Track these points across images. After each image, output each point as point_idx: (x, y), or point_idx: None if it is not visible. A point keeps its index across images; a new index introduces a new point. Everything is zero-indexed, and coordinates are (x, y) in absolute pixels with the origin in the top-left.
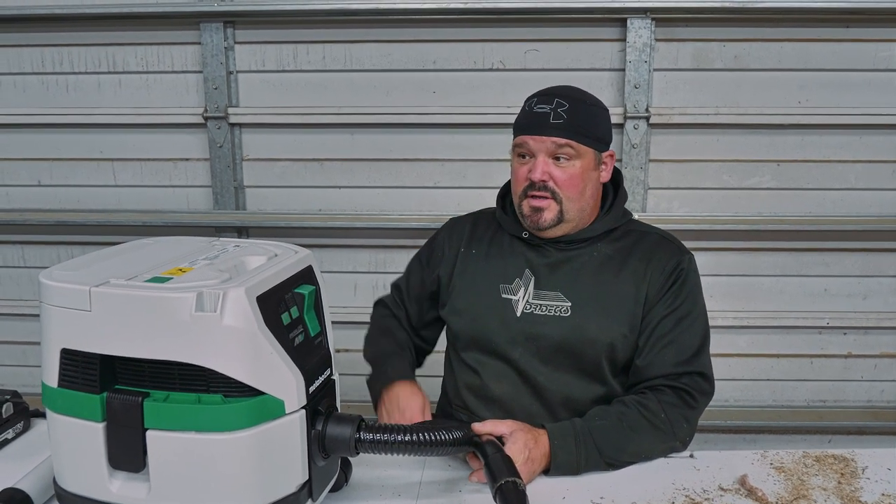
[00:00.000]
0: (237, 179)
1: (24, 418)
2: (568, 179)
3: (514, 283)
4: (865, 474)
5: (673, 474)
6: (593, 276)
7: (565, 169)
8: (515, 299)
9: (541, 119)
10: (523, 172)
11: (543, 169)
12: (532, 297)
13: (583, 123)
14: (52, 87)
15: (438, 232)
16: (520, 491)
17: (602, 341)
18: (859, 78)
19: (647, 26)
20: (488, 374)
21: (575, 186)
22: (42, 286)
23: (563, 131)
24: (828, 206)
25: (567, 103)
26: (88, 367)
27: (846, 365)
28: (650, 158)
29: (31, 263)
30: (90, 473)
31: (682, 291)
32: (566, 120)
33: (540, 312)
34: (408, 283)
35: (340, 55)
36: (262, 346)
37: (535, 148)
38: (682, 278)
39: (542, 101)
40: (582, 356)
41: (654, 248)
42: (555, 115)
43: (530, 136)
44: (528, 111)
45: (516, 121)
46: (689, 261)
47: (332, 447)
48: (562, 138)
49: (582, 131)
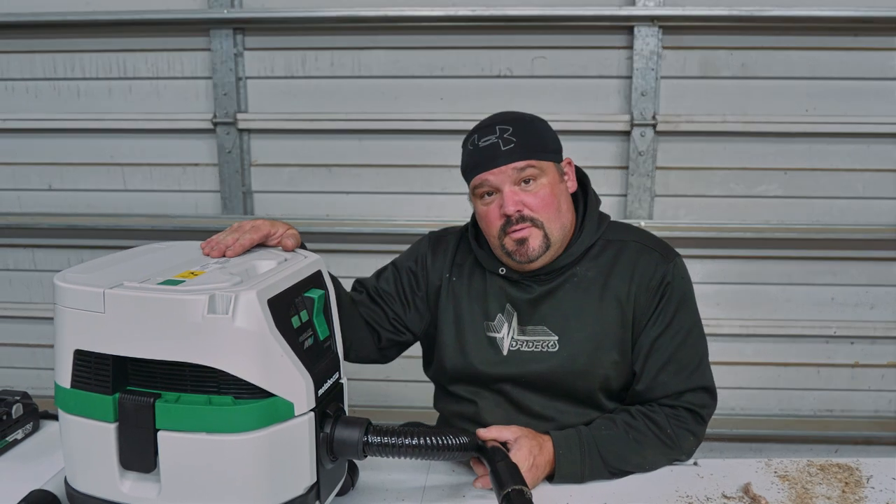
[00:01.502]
0: (245, 185)
1: (34, 419)
2: (541, 202)
3: (497, 320)
4: (870, 483)
5: (676, 481)
6: (577, 305)
7: (535, 192)
8: (500, 336)
9: (491, 151)
10: (494, 211)
11: (514, 199)
12: (517, 333)
13: (533, 140)
14: (63, 92)
15: (419, 246)
16: (526, 499)
17: (595, 373)
18: (868, 86)
19: (654, 34)
20: (482, 405)
21: (550, 206)
22: (56, 288)
23: (519, 154)
24: (835, 215)
25: (510, 126)
26: (101, 368)
27: (853, 374)
28: (657, 166)
29: (42, 267)
30: (102, 473)
31: (671, 306)
32: (517, 142)
33: (527, 349)
34: (377, 281)
35: (349, 62)
36: (273, 349)
37: (498, 182)
38: (668, 292)
39: (484, 134)
40: (575, 387)
41: (635, 261)
42: (503, 141)
43: (488, 172)
44: (474, 149)
45: (464, 164)
46: (674, 269)
47: (340, 450)
48: (520, 161)
49: (536, 147)
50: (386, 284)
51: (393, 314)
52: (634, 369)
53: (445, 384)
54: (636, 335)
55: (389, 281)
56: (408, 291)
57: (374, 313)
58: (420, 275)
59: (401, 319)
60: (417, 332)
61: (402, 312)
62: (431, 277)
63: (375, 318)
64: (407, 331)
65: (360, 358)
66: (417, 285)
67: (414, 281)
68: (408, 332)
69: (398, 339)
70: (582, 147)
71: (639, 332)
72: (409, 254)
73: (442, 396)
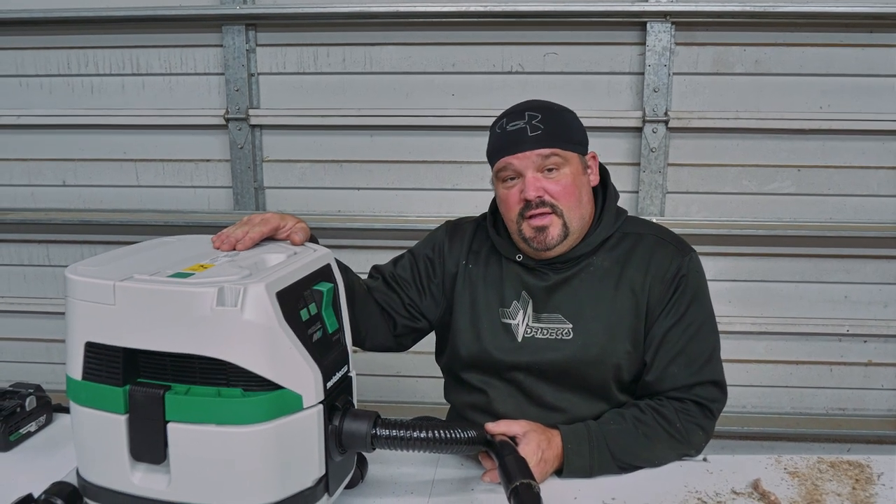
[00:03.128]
0: (257, 180)
1: (47, 412)
2: (562, 189)
3: (512, 307)
4: (881, 481)
5: (686, 477)
6: (592, 294)
7: (557, 180)
8: (515, 323)
9: (518, 136)
10: (515, 195)
11: (536, 185)
12: (532, 320)
13: (561, 129)
14: (77, 88)
15: (436, 234)
16: (534, 493)
17: (607, 362)
18: (882, 83)
19: (666, 30)
20: (494, 394)
21: (571, 195)
22: (68, 281)
23: (545, 141)
24: (849, 213)
25: (539, 113)
26: (112, 361)
27: (866, 373)
28: (669, 162)
29: (56, 262)
30: (112, 465)
31: (684, 298)
32: (544, 130)
33: (542, 336)
34: (394, 267)
35: (360, 57)
36: (281, 341)
37: (521, 166)
38: (683, 284)
39: (512, 119)
40: (587, 377)
41: (651, 253)
42: (531, 127)
43: (513, 156)
44: (501, 132)
45: (490, 146)
46: (689, 262)
47: (349, 442)
48: (546, 148)
49: (563, 137)
50: (402, 271)
51: (408, 300)
52: (646, 359)
53: (458, 372)
54: (649, 326)
55: (406, 267)
56: (424, 278)
57: (390, 299)
58: (437, 262)
59: (416, 306)
60: (432, 319)
61: (418, 299)
62: (448, 264)
63: (391, 303)
64: (422, 317)
65: (376, 346)
66: (434, 272)
67: (430, 268)
68: (423, 318)
69: (413, 326)
70: (594, 143)
71: (652, 323)
72: (427, 241)
73: (453, 387)
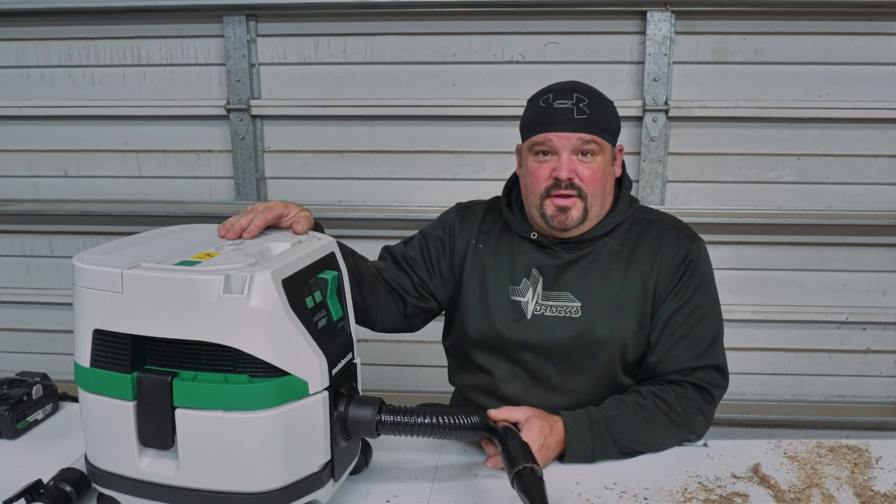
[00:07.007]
0: (259, 171)
1: (53, 400)
2: (592, 176)
3: (522, 284)
4: (879, 464)
5: (686, 462)
6: (602, 274)
7: (589, 165)
8: (524, 301)
9: (564, 115)
10: (545, 171)
11: (570, 167)
12: (541, 297)
13: (603, 118)
14: (78, 79)
15: (447, 215)
16: (537, 477)
17: (613, 341)
18: (882, 72)
19: (666, 19)
20: (499, 375)
21: (599, 182)
22: (76, 269)
23: (589, 127)
24: (848, 201)
25: (586, 98)
26: (120, 348)
27: (865, 360)
28: (669, 151)
29: (59, 253)
30: (121, 451)
31: (691, 283)
32: (590, 115)
33: (550, 314)
34: (404, 248)
35: (361, 48)
36: (287, 328)
37: (560, 145)
38: (691, 269)
39: (561, 97)
40: (593, 356)
41: (661, 238)
42: (578, 110)
43: (554, 133)
44: (547, 107)
45: (531, 118)
46: (698, 249)
47: (354, 428)
48: (588, 134)
49: (604, 126)
50: (412, 251)
51: (418, 280)
52: (650, 340)
53: (466, 350)
54: (655, 308)
55: (416, 248)
56: (434, 258)
57: (400, 279)
58: (447, 242)
59: (426, 286)
60: (442, 299)
61: (428, 279)
62: (458, 245)
63: (401, 283)
64: (432, 297)
65: (387, 327)
66: (444, 252)
67: (441, 248)
68: (433, 298)
69: (423, 306)
70: None
71: (658, 306)
72: (438, 223)
73: (458, 369)
